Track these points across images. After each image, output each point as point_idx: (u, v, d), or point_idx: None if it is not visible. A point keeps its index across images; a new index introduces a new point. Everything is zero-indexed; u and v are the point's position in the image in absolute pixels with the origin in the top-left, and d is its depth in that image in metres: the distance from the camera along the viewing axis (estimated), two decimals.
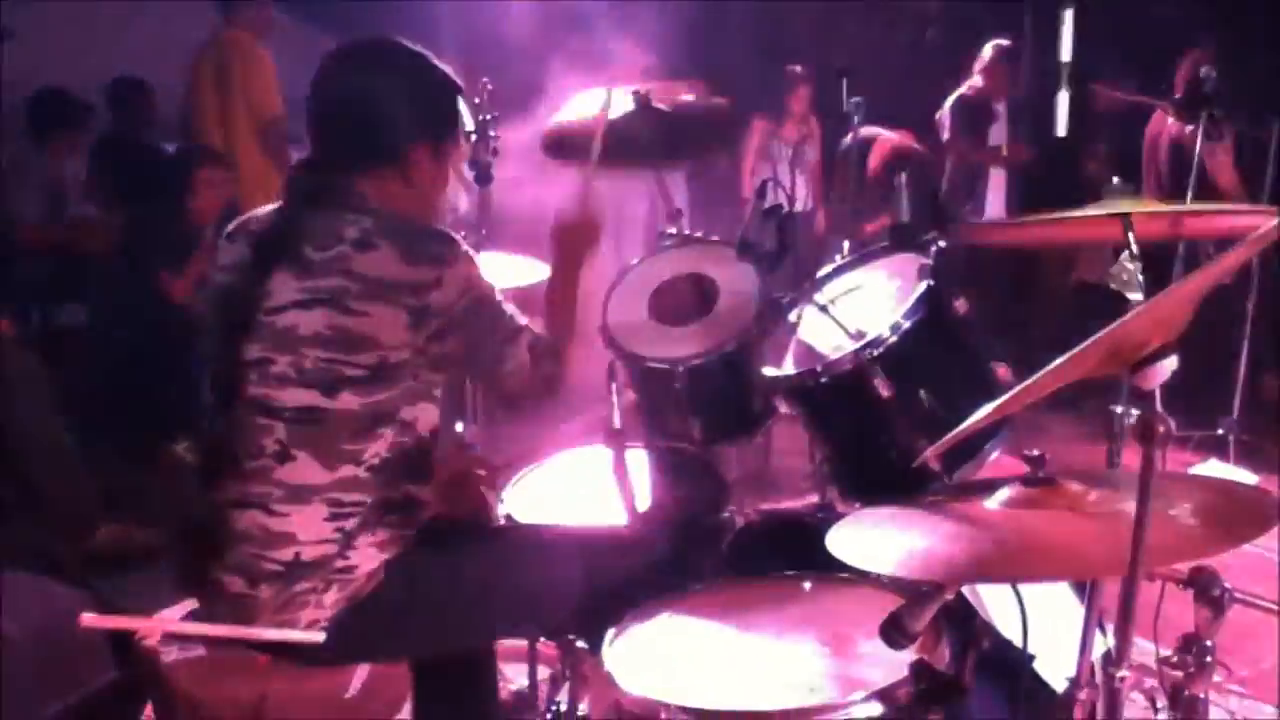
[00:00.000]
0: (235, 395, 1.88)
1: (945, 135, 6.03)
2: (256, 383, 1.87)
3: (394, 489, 1.92)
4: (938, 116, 6.08)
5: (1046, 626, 1.73)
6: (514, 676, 2.64)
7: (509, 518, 2.38)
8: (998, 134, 6.30)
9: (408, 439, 1.91)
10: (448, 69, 2.04)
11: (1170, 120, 5.38)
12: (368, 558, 1.90)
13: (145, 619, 1.99)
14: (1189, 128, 4.87)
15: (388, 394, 1.86)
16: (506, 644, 2.41)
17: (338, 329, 1.83)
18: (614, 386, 2.47)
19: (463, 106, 2.07)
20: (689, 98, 2.90)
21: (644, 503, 2.41)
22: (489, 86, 3.04)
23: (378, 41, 2.03)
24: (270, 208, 2.00)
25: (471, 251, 1.96)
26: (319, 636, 1.85)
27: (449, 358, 1.92)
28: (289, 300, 1.85)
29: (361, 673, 1.91)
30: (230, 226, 2.03)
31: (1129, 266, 2.08)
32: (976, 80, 6.07)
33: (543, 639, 2.46)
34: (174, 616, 2.03)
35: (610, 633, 1.88)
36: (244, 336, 1.87)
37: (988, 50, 6.08)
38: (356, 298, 1.83)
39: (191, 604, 2.00)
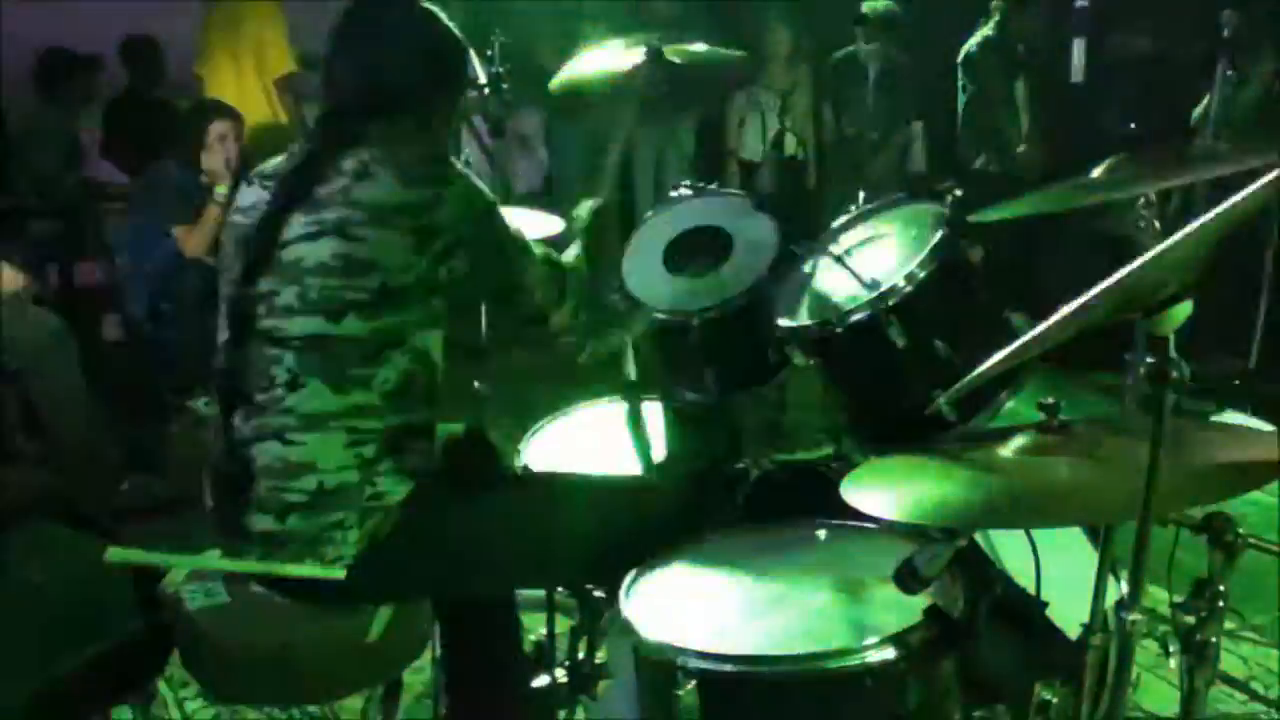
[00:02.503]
0: (247, 330, 1.92)
1: (970, 82, 5.73)
2: (265, 315, 1.90)
3: (412, 415, 1.93)
4: (960, 59, 5.77)
5: (1059, 572, 1.74)
6: (532, 627, 2.66)
7: (526, 469, 2.40)
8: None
9: (420, 367, 1.93)
10: (454, 26, 2.06)
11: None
12: (395, 485, 1.91)
13: (169, 555, 2.03)
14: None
15: (396, 318, 1.88)
16: (525, 595, 2.43)
17: (341, 256, 1.86)
18: (630, 339, 2.49)
19: (471, 60, 2.09)
20: (700, 48, 2.88)
21: (659, 454, 2.43)
22: (500, 39, 3.01)
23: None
24: (289, 153, 2.02)
25: (468, 170, 2.00)
26: (340, 572, 1.87)
27: (458, 277, 1.94)
28: (296, 235, 1.89)
29: (383, 617, 1.94)
30: (252, 172, 2.07)
31: (1144, 214, 2.07)
32: (995, 27, 5.67)
33: (560, 589, 2.48)
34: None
35: (628, 581, 1.89)
36: (257, 273, 1.91)
37: None
38: (358, 225, 1.86)
39: (214, 554, 2.03)
